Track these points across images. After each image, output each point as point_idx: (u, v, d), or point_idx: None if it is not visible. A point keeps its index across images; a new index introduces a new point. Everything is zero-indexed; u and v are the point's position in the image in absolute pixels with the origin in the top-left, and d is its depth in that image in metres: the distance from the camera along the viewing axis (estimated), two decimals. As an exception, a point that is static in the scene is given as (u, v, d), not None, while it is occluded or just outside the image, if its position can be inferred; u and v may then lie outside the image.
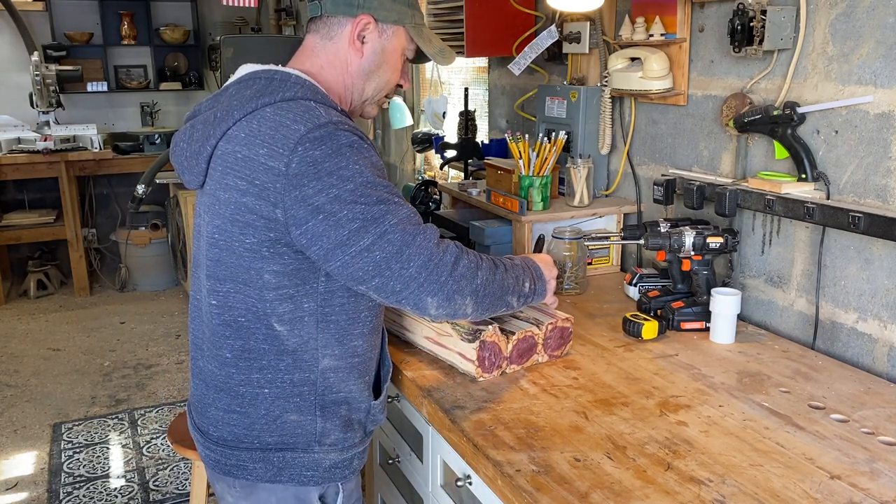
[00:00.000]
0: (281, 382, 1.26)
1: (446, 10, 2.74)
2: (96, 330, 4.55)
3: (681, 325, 1.69)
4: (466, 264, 1.25)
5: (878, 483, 1.11)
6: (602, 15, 2.19)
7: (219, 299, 1.26)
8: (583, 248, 1.96)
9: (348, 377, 1.31)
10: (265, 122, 1.18)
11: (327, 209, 1.14)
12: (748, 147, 1.78)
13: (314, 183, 1.14)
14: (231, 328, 1.26)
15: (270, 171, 1.15)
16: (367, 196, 1.16)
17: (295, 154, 1.14)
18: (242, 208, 1.19)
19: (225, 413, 1.30)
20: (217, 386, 1.30)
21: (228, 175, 1.20)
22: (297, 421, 1.28)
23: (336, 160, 1.15)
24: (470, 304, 1.25)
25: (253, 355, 1.26)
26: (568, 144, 2.22)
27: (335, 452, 1.32)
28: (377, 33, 1.32)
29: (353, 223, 1.15)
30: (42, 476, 2.98)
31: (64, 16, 5.54)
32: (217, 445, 1.31)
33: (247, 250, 1.21)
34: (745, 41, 1.65)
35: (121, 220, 5.58)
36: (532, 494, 1.08)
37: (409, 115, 3.77)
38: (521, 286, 1.37)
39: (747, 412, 1.32)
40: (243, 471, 1.30)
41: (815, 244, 1.62)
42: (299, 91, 1.21)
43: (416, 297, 1.20)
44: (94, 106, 5.72)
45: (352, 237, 1.15)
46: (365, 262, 1.16)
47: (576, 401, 1.37)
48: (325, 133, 1.16)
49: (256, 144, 1.17)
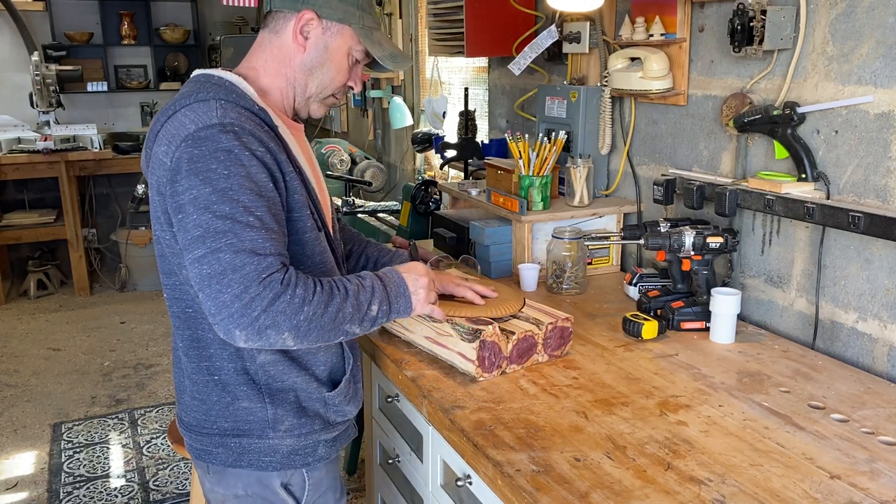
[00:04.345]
0: (227, 371, 1.30)
1: (446, 10, 2.74)
2: (96, 330, 4.55)
3: (681, 324, 1.69)
4: (288, 300, 1.15)
5: (878, 483, 1.11)
6: (602, 15, 2.19)
7: (168, 293, 1.32)
8: (583, 248, 1.96)
9: (288, 370, 1.32)
10: (173, 123, 1.21)
11: (185, 209, 1.16)
12: (748, 147, 1.78)
13: (184, 180, 1.16)
14: (180, 319, 1.32)
15: (163, 167, 1.20)
16: (217, 207, 1.14)
17: (179, 150, 1.17)
18: (156, 205, 1.25)
19: (191, 399, 1.36)
20: (181, 374, 1.38)
21: (152, 176, 1.25)
22: (248, 408, 1.31)
23: (207, 162, 1.16)
24: (290, 338, 1.18)
25: (201, 344, 1.31)
26: (568, 144, 2.23)
27: (291, 438, 1.33)
28: (320, 30, 1.33)
29: (196, 230, 1.14)
30: (42, 476, 2.98)
31: (64, 16, 5.55)
32: (187, 431, 1.38)
33: (167, 246, 1.26)
34: (745, 41, 1.66)
35: (121, 220, 5.58)
36: (532, 494, 1.08)
37: (409, 115, 3.77)
38: (366, 311, 1.27)
39: (747, 412, 1.32)
40: (210, 455, 1.35)
41: (815, 244, 1.63)
42: (213, 92, 1.23)
43: (225, 326, 1.14)
44: (94, 106, 5.72)
45: (192, 244, 1.15)
46: (195, 272, 1.14)
47: (576, 401, 1.37)
48: (209, 134, 1.17)
49: (163, 142, 1.21)
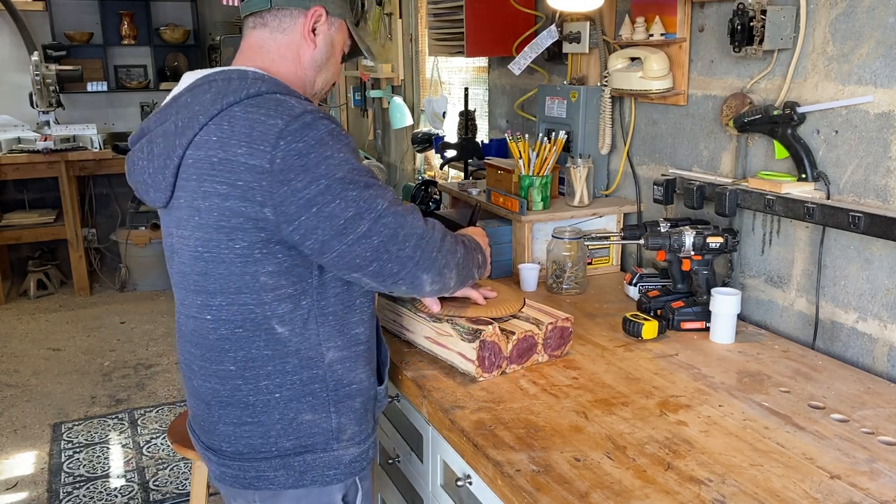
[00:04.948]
0: (290, 384, 1.25)
1: (446, 10, 2.74)
2: (96, 330, 4.55)
3: (681, 324, 1.69)
4: (451, 240, 1.28)
5: (878, 483, 1.11)
6: (602, 15, 2.19)
7: (213, 314, 1.23)
8: (583, 248, 1.96)
9: (355, 366, 1.31)
10: (237, 122, 1.14)
11: (319, 201, 1.13)
12: (748, 147, 1.78)
13: (302, 176, 1.12)
14: (230, 341, 1.23)
15: (253, 171, 1.12)
16: (356, 182, 1.16)
17: (278, 149, 1.11)
18: (227, 213, 1.15)
19: (236, 427, 1.27)
20: (222, 402, 1.27)
21: (206, 182, 1.16)
22: (312, 420, 1.27)
23: (321, 150, 1.14)
24: (454, 278, 1.29)
25: (257, 363, 1.24)
26: (568, 144, 2.23)
27: (354, 447, 1.32)
28: (327, 25, 1.32)
29: (348, 211, 1.15)
30: (42, 476, 2.98)
31: (64, 16, 5.55)
32: (233, 460, 1.29)
33: (238, 256, 1.18)
34: (745, 41, 1.65)
35: (121, 220, 5.58)
36: (532, 494, 1.08)
37: (409, 115, 3.77)
38: (478, 259, 1.42)
39: (747, 412, 1.32)
40: (264, 481, 1.27)
41: (815, 244, 1.62)
42: (262, 86, 1.18)
43: (413, 276, 1.22)
44: (94, 106, 5.72)
45: (348, 225, 1.15)
46: (363, 249, 1.16)
47: (576, 401, 1.37)
48: (304, 123, 1.14)
49: (232, 145, 1.13)
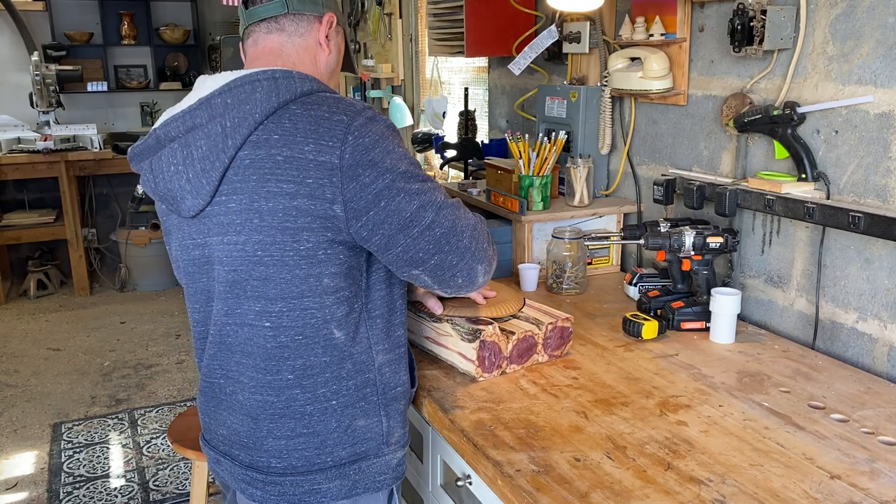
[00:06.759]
0: (346, 390, 1.24)
1: (446, 10, 2.74)
2: (96, 330, 4.55)
3: (681, 324, 1.69)
4: (487, 231, 1.31)
5: (878, 483, 1.11)
6: (602, 15, 2.19)
7: (272, 321, 1.19)
8: (583, 248, 1.96)
9: (399, 368, 1.31)
10: (299, 119, 1.12)
11: (387, 194, 1.14)
12: (748, 147, 1.78)
13: (369, 171, 1.12)
14: (289, 349, 1.20)
15: (322, 167, 1.10)
16: (416, 175, 1.18)
17: (346, 144, 1.11)
18: (293, 212, 1.12)
19: (289, 440, 1.23)
20: (275, 414, 1.23)
21: (269, 182, 1.12)
22: (365, 425, 1.26)
23: (384, 145, 1.15)
24: (492, 269, 1.31)
25: (316, 370, 1.21)
26: (568, 144, 2.23)
27: (399, 450, 1.32)
28: (335, 32, 1.33)
29: (413, 203, 1.16)
30: (42, 476, 2.98)
31: (64, 16, 5.55)
32: (284, 476, 1.24)
33: (302, 258, 1.15)
34: (745, 41, 1.66)
35: (121, 220, 5.58)
36: (532, 494, 1.08)
37: (409, 115, 3.77)
38: None
39: (747, 412, 1.32)
40: (316, 495, 1.24)
41: (815, 244, 1.62)
42: (311, 84, 1.17)
43: (469, 267, 1.24)
44: (94, 106, 5.72)
45: (414, 218, 1.16)
46: (426, 241, 1.18)
47: (576, 401, 1.37)
48: (367, 119, 1.14)
49: (298, 143, 1.11)
